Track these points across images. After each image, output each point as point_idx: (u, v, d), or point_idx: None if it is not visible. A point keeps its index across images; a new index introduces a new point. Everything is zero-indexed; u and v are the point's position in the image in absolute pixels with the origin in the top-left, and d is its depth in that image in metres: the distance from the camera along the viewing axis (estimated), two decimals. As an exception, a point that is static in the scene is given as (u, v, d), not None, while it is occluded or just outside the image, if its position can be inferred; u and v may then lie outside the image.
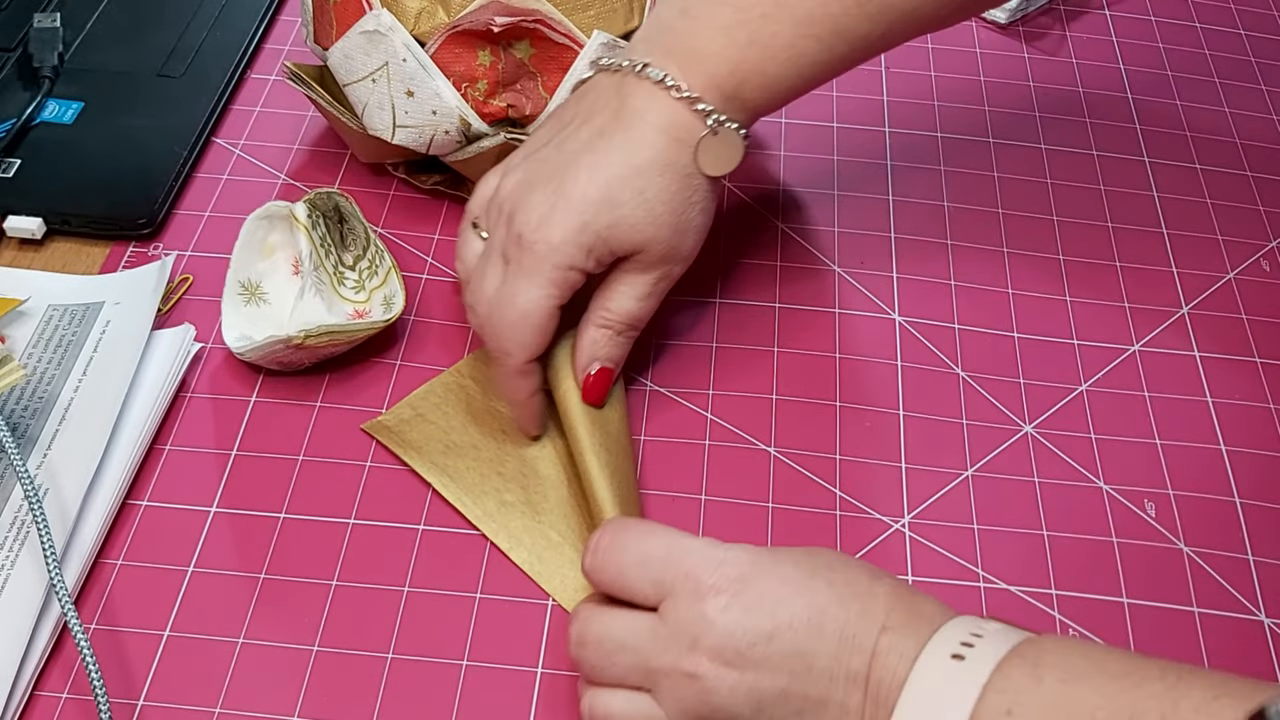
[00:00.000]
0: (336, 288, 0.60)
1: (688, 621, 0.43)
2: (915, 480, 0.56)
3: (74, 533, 0.51)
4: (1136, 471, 0.57)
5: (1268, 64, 0.79)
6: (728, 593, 0.43)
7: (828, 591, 0.43)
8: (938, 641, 0.41)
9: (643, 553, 0.45)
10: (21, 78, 0.70)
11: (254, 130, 0.70)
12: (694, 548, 0.44)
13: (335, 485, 0.54)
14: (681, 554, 0.44)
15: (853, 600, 0.43)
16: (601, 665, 0.44)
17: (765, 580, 0.43)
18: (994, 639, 0.41)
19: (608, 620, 0.45)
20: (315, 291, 0.58)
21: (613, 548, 0.45)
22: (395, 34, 0.60)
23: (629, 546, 0.45)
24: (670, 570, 0.44)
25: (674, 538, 0.45)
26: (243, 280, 0.59)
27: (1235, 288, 0.65)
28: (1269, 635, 0.52)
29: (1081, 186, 0.70)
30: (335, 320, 0.58)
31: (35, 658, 0.48)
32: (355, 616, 0.50)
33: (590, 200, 0.51)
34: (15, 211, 0.63)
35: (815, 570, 0.44)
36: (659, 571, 0.44)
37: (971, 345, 0.62)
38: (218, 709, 0.48)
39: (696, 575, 0.43)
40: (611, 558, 0.45)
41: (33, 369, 0.56)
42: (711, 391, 0.59)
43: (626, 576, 0.45)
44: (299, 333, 0.54)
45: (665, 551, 0.44)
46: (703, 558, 0.44)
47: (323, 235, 0.60)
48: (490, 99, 0.61)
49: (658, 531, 0.46)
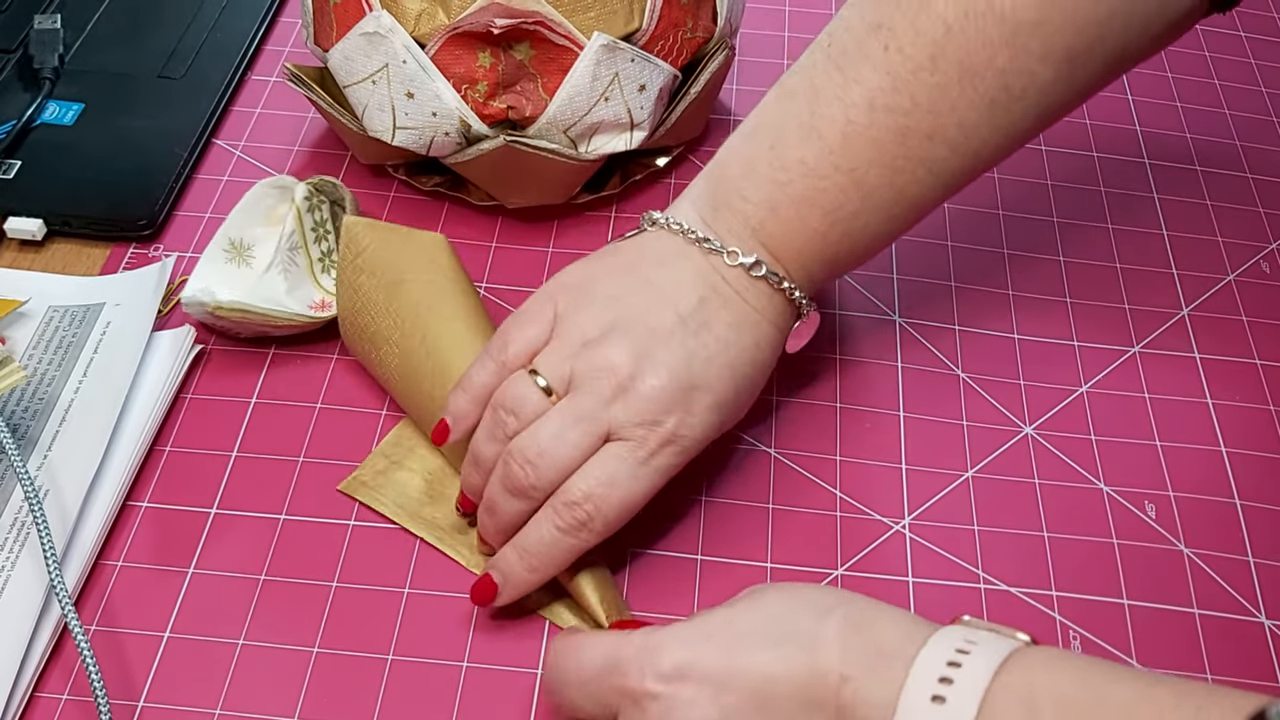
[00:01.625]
0: (316, 274, 0.60)
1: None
2: (915, 481, 0.56)
3: (74, 534, 0.51)
4: (1137, 473, 0.57)
5: (1268, 66, 0.79)
6: (663, 696, 0.41)
7: (770, 655, 0.40)
8: (914, 681, 0.38)
9: (581, 675, 0.43)
10: (22, 79, 0.70)
11: (254, 131, 0.70)
12: (626, 654, 0.42)
13: (335, 485, 0.54)
14: (613, 665, 0.42)
15: (797, 655, 0.40)
16: None
17: (703, 663, 0.41)
18: (975, 663, 0.38)
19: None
20: (282, 271, 0.59)
21: (554, 670, 0.44)
22: (395, 35, 0.60)
23: (569, 669, 0.44)
24: (606, 687, 0.42)
25: (611, 645, 0.43)
26: (234, 239, 0.59)
27: (1235, 289, 0.65)
28: (1269, 636, 0.52)
29: (1081, 188, 0.70)
30: (291, 303, 0.58)
31: (35, 659, 0.48)
32: (355, 617, 0.50)
33: (729, 399, 0.51)
34: (16, 213, 0.63)
35: (755, 630, 0.41)
36: (600, 693, 0.43)
37: (971, 346, 0.62)
38: (218, 710, 0.48)
39: (628, 687, 0.42)
40: (556, 682, 0.44)
41: (33, 370, 0.56)
42: (712, 393, 0.59)
43: (576, 705, 0.44)
44: (212, 303, 0.55)
45: (599, 668, 0.43)
46: (632, 664, 0.42)
47: (320, 220, 0.60)
48: (490, 100, 0.61)
49: (597, 644, 0.44)
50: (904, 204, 0.52)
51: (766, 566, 0.53)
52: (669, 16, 0.63)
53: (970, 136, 0.51)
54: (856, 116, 0.50)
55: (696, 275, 0.51)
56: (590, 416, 0.49)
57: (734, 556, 0.53)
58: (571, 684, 0.44)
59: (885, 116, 0.50)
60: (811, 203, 0.51)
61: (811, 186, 0.51)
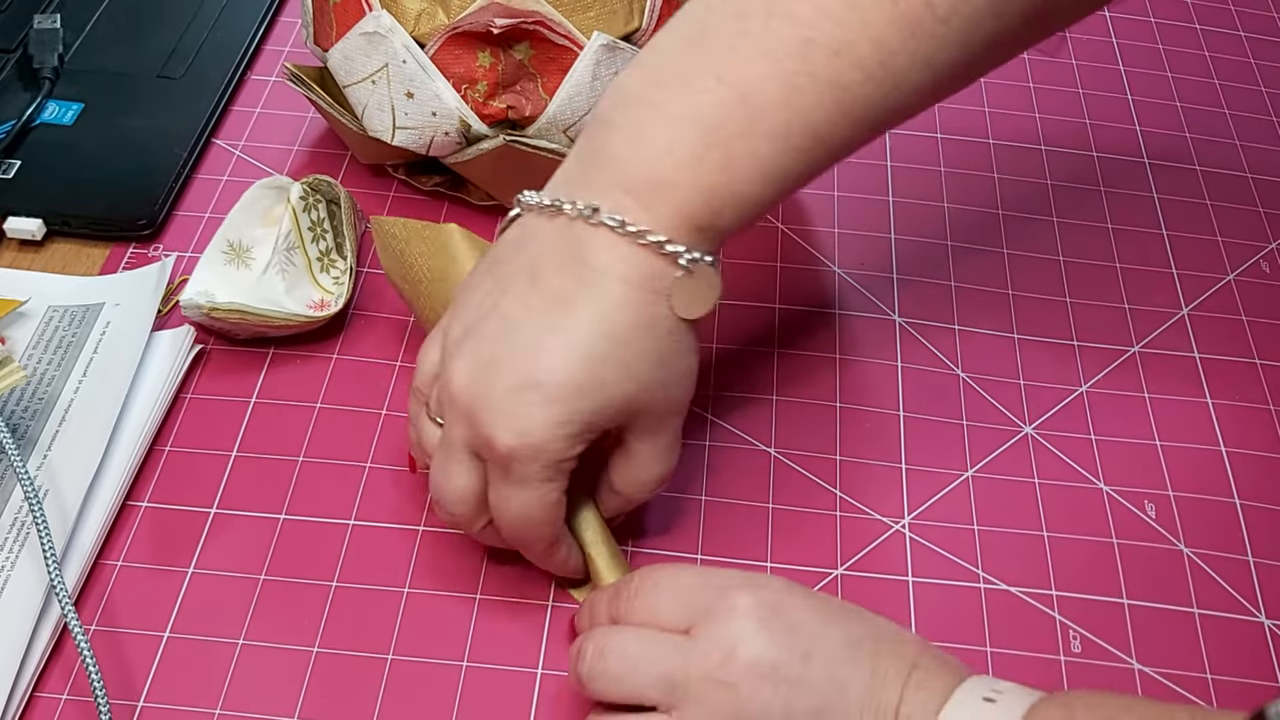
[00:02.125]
0: (315, 274, 0.60)
1: (723, 636, 0.42)
2: (915, 481, 0.56)
3: (74, 534, 0.51)
4: (1136, 472, 0.57)
5: (1267, 65, 0.79)
6: (764, 614, 0.43)
7: (861, 627, 0.43)
8: (967, 688, 0.41)
9: (676, 584, 0.45)
10: (21, 79, 0.70)
11: (254, 131, 0.70)
12: (727, 575, 0.45)
13: (335, 485, 0.54)
14: (715, 580, 0.45)
15: (884, 639, 0.43)
16: (623, 676, 0.43)
17: (800, 609, 0.43)
18: (1019, 692, 0.41)
19: (632, 632, 0.44)
20: (279, 271, 0.59)
21: (644, 587, 0.45)
22: (395, 35, 0.60)
23: (661, 582, 0.45)
24: (704, 594, 0.44)
25: (705, 572, 0.46)
26: (232, 240, 0.59)
27: (1235, 289, 0.65)
28: (1269, 636, 0.52)
29: (1081, 188, 0.70)
30: (289, 303, 0.58)
31: (35, 659, 0.48)
32: (355, 617, 0.50)
33: (570, 387, 0.44)
34: (15, 212, 0.63)
35: (846, 609, 0.44)
36: (693, 597, 0.44)
37: (971, 346, 0.62)
38: (218, 710, 0.48)
39: (732, 596, 0.43)
40: (645, 596, 0.45)
41: (33, 370, 0.56)
42: (711, 392, 0.59)
43: (659, 609, 0.44)
44: (207, 304, 0.55)
45: (698, 580, 0.45)
46: (740, 581, 0.44)
47: (318, 220, 0.60)
48: (490, 100, 0.61)
49: (688, 568, 0.46)
50: (807, 133, 0.44)
51: (766, 566, 0.53)
52: (669, 16, 0.63)
53: (886, 62, 0.44)
54: (750, 27, 0.44)
55: (539, 248, 0.45)
56: (450, 445, 0.47)
57: (734, 556, 0.53)
58: (664, 593, 0.44)
59: (783, 25, 0.43)
60: (686, 120, 0.44)
61: (690, 102, 0.44)
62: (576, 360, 0.44)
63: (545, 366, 0.44)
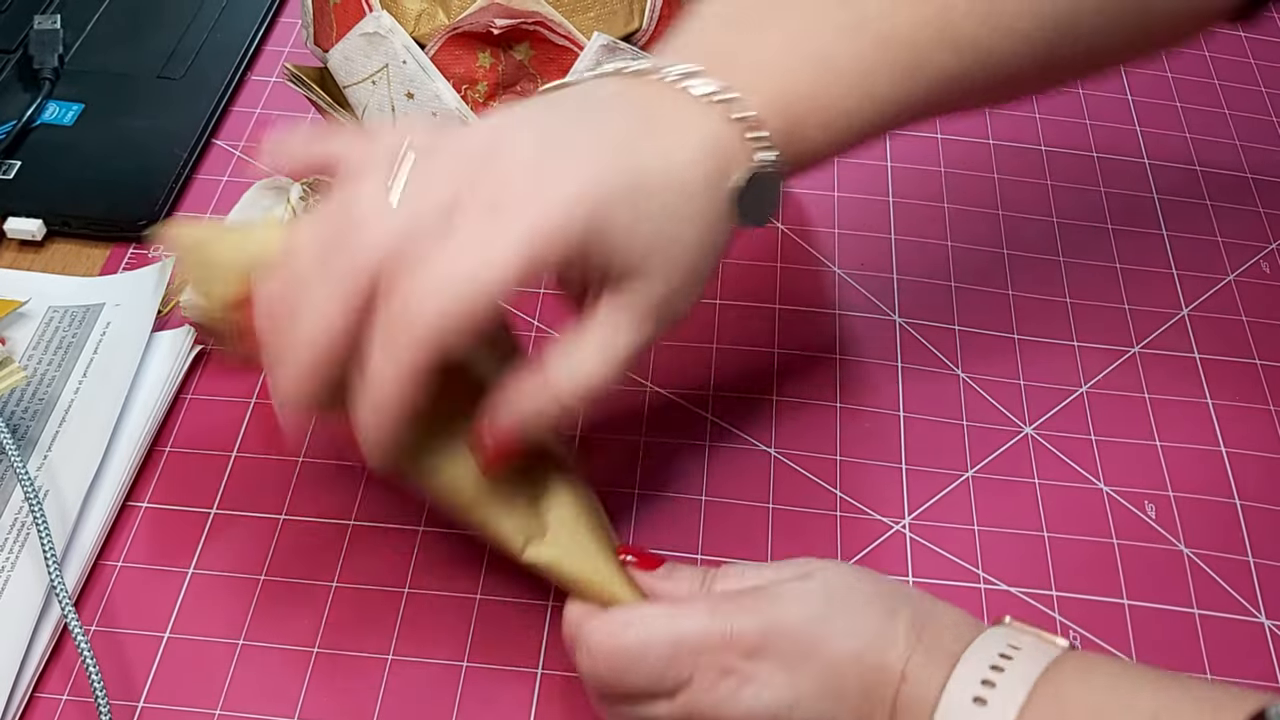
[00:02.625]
0: None
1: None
2: (915, 481, 0.56)
3: (74, 534, 0.51)
4: (1137, 473, 0.57)
5: (1268, 66, 0.79)
6: (740, 670, 0.41)
7: (848, 648, 0.40)
8: (957, 681, 0.39)
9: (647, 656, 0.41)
10: (22, 79, 0.70)
11: (254, 132, 0.70)
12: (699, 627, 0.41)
13: (335, 486, 0.54)
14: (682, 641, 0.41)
15: (870, 652, 0.40)
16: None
17: (782, 645, 0.40)
18: (1018, 667, 0.39)
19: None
20: None
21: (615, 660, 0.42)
22: (395, 36, 0.60)
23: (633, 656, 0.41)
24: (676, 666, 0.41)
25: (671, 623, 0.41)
26: None
27: (1235, 289, 0.65)
28: (1269, 637, 0.52)
29: (1081, 188, 0.70)
30: None
31: (35, 659, 0.48)
32: (355, 617, 0.50)
33: (611, 171, 0.39)
34: (15, 213, 0.63)
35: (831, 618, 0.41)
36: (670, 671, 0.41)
37: (971, 346, 0.62)
38: (218, 710, 0.48)
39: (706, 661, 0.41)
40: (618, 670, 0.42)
41: (33, 371, 0.56)
42: (711, 392, 0.59)
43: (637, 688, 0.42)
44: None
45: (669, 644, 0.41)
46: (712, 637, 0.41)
47: None
48: (490, 101, 0.61)
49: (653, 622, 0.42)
50: (903, 48, 0.43)
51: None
52: (669, 17, 0.63)
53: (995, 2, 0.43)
54: None
55: (609, 98, 0.42)
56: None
57: (734, 556, 0.53)
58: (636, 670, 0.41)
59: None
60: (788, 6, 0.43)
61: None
62: (627, 159, 0.39)
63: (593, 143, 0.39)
